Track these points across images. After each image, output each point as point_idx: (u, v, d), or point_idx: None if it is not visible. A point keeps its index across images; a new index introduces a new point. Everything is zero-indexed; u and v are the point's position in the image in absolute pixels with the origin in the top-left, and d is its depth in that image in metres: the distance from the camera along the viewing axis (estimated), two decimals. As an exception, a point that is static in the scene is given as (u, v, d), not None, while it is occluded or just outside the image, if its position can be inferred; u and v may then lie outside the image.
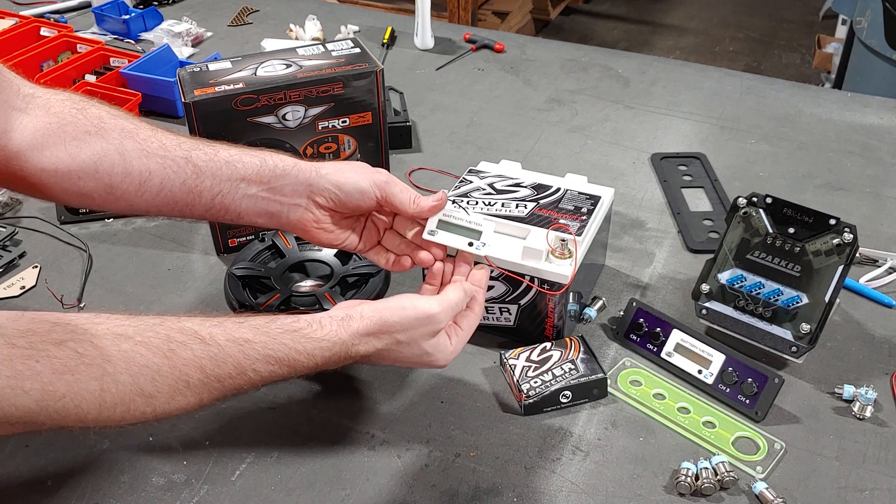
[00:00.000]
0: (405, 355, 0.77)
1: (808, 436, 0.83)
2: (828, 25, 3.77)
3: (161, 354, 0.68)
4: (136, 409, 0.67)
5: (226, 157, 0.82)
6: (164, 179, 0.81)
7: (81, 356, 0.64)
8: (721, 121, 1.42)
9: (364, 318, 0.75)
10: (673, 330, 0.91)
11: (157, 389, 0.67)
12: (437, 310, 0.76)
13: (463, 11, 3.25)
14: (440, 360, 0.78)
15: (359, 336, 0.74)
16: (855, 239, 0.85)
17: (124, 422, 0.67)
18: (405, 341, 0.76)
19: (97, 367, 0.64)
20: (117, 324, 0.68)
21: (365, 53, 1.08)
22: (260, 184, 0.82)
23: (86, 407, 0.64)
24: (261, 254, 1.00)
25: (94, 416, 0.65)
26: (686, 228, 1.14)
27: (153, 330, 0.69)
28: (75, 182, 0.80)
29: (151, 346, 0.67)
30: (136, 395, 0.66)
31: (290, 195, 0.82)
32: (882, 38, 2.16)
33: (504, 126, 1.41)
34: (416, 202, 0.82)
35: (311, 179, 0.82)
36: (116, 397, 0.65)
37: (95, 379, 0.64)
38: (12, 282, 1.04)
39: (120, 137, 0.81)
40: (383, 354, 0.76)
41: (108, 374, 0.65)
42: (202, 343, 0.70)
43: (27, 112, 0.80)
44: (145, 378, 0.66)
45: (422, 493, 0.78)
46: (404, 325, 0.75)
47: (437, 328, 0.76)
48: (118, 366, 0.65)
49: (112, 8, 1.72)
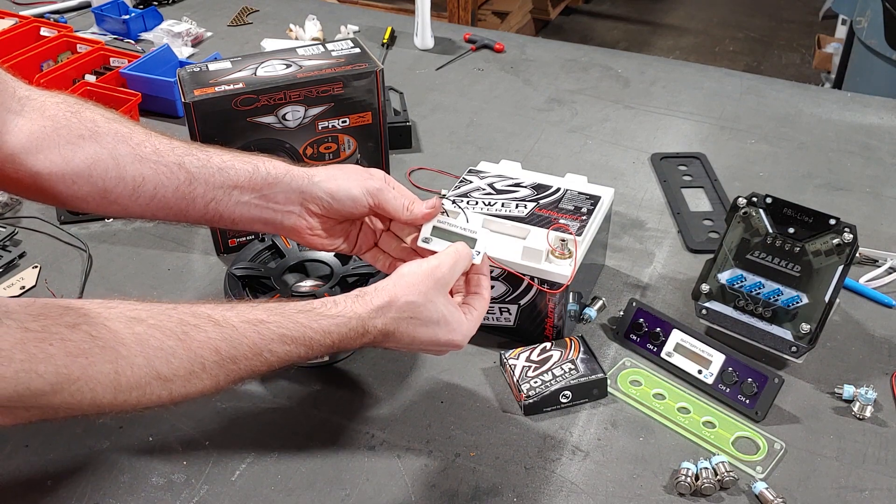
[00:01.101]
0: (422, 330, 0.76)
1: (808, 436, 0.83)
2: (828, 25, 3.77)
3: (175, 337, 0.67)
4: (153, 392, 0.66)
5: (218, 163, 0.82)
6: (157, 185, 0.81)
7: (95, 339, 0.63)
8: (721, 121, 1.42)
9: (377, 291, 0.75)
10: (673, 330, 0.91)
11: (173, 372, 0.67)
12: (437, 261, 0.77)
13: (463, 11, 3.25)
14: (457, 334, 0.77)
15: (375, 309, 0.74)
16: (855, 239, 0.85)
17: (140, 406, 0.67)
18: (420, 303, 0.75)
19: (111, 350, 0.64)
20: (130, 308, 0.68)
21: (365, 53, 1.08)
22: (253, 191, 0.82)
23: (101, 391, 0.63)
24: (261, 254, 1.00)
25: (109, 401, 0.64)
26: (686, 228, 1.14)
27: (166, 314, 0.69)
28: (69, 186, 0.80)
29: (165, 329, 0.67)
30: (151, 379, 0.66)
31: (283, 202, 0.82)
32: (882, 38, 2.16)
33: (504, 126, 1.41)
34: (410, 209, 0.82)
35: (304, 187, 0.82)
36: (132, 380, 0.65)
37: (110, 362, 0.64)
38: (12, 282, 1.04)
39: (114, 142, 0.81)
40: (401, 330, 0.75)
41: (123, 356, 0.64)
42: (216, 325, 0.70)
43: (22, 115, 0.80)
44: (160, 361, 0.66)
45: (422, 493, 0.78)
46: (414, 284, 0.75)
47: (445, 279, 0.76)
48: (132, 349, 0.65)
49: (112, 8, 1.72)
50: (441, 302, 0.76)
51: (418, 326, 0.75)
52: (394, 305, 0.74)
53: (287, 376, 0.89)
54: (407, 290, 0.75)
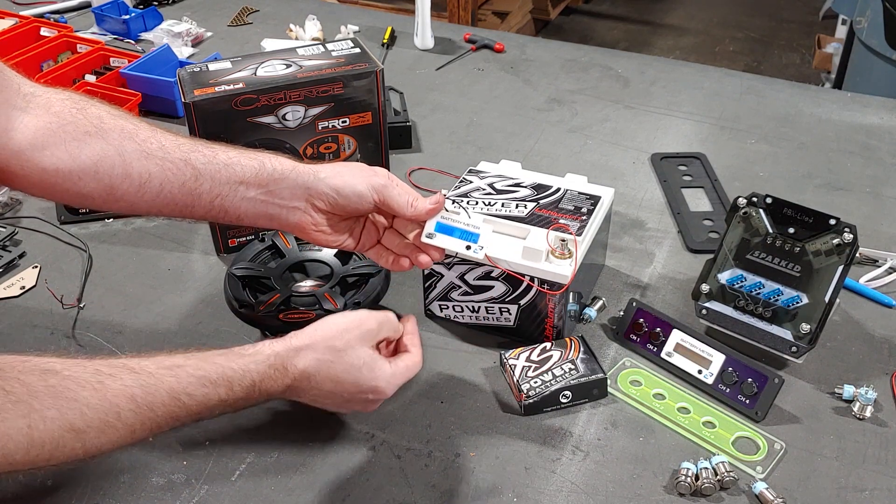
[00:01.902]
0: (344, 375, 0.75)
1: (808, 436, 0.83)
2: (828, 25, 3.77)
3: (90, 387, 0.66)
4: (66, 445, 0.65)
5: (224, 159, 0.82)
6: (163, 181, 0.81)
7: (8, 394, 0.62)
8: (721, 121, 1.42)
9: (299, 334, 0.76)
10: (673, 330, 0.91)
11: (86, 423, 0.65)
12: (366, 315, 0.78)
13: (463, 11, 3.25)
14: (381, 380, 0.77)
15: (294, 348, 0.75)
16: (855, 239, 0.85)
17: (53, 461, 0.65)
18: (342, 348, 0.75)
19: (24, 404, 0.63)
20: (45, 360, 0.67)
21: (365, 53, 1.08)
22: (258, 187, 0.82)
23: (13, 447, 0.62)
24: (261, 254, 1.00)
25: (21, 458, 0.63)
26: (686, 228, 1.14)
27: (81, 365, 0.68)
28: (76, 182, 0.80)
29: (80, 380, 0.66)
30: (64, 431, 0.64)
31: (289, 198, 0.82)
32: (882, 38, 2.16)
33: (504, 126, 1.41)
34: (414, 205, 0.82)
35: (309, 183, 0.82)
36: (45, 434, 0.63)
37: (23, 416, 0.62)
38: (12, 282, 1.04)
39: (120, 138, 0.81)
40: (322, 372, 0.75)
41: (36, 410, 0.63)
42: (132, 373, 0.69)
43: (27, 111, 0.80)
44: (74, 412, 0.65)
45: (422, 493, 0.78)
46: (338, 330, 0.76)
47: (371, 332, 0.77)
48: (45, 401, 0.64)
49: (112, 8, 1.72)
50: (364, 350, 0.77)
51: (339, 371, 0.75)
52: (315, 347, 0.75)
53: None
54: (330, 335, 0.76)
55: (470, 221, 0.84)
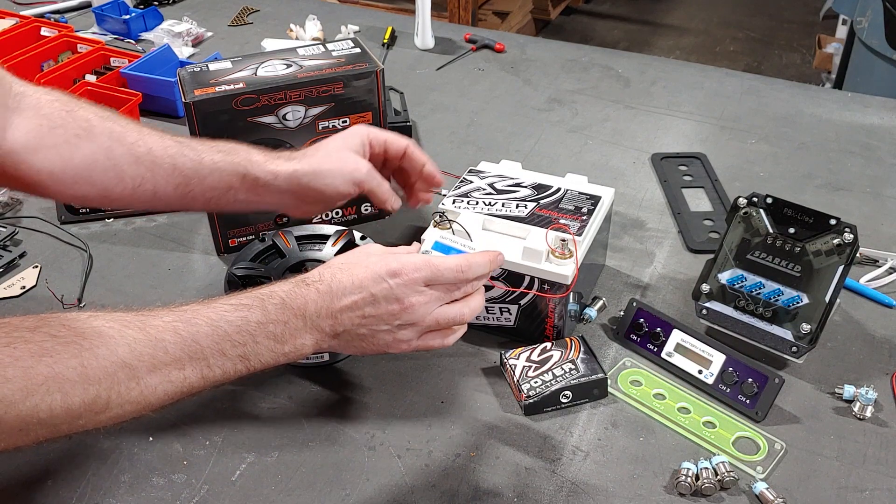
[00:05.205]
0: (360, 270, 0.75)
1: (808, 436, 0.83)
2: (828, 25, 3.77)
3: (133, 326, 0.68)
4: (121, 383, 0.66)
5: (210, 165, 0.86)
6: (156, 185, 0.85)
7: (56, 338, 0.64)
8: (721, 121, 1.42)
9: None
10: (673, 330, 0.91)
11: (136, 358, 0.67)
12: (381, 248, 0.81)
13: (463, 11, 3.25)
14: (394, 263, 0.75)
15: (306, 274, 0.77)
16: (855, 239, 0.85)
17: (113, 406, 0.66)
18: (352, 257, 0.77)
19: (74, 344, 0.64)
20: (87, 312, 0.69)
21: (365, 53, 1.08)
22: (247, 191, 0.88)
23: (70, 389, 0.63)
24: (261, 254, 1.00)
25: (79, 400, 0.63)
26: (686, 228, 1.14)
27: (122, 313, 0.70)
28: (70, 186, 0.82)
29: (123, 321, 0.68)
30: (117, 368, 0.65)
31: (277, 201, 0.91)
32: (882, 38, 2.16)
33: (504, 126, 1.41)
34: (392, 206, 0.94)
35: (293, 188, 0.88)
36: (99, 371, 0.64)
37: (74, 356, 0.64)
38: (12, 282, 1.04)
39: (109, 141, 0.82)
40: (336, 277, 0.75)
41: (86, 349, 0.64)
42: (171, 312, 0.71)
43: (18, 112, 0.80)
44: (122, 348, 0.66)
45: (422, 493, 0.78)
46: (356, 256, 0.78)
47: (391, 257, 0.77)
48: (94, 340, 0.65)
49: (112, 8, 1.72)
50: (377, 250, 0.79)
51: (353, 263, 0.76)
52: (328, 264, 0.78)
53: (288, 377, 0.89)
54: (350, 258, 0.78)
55: (468, 243, 0.84)
